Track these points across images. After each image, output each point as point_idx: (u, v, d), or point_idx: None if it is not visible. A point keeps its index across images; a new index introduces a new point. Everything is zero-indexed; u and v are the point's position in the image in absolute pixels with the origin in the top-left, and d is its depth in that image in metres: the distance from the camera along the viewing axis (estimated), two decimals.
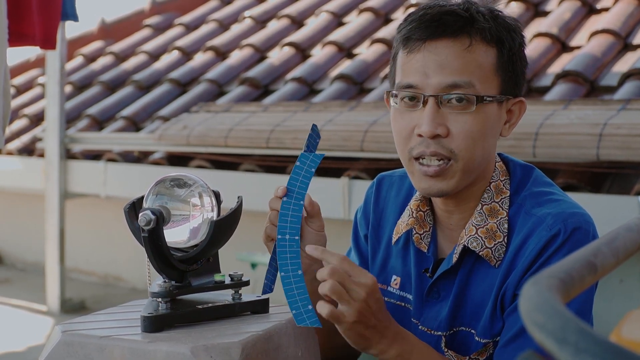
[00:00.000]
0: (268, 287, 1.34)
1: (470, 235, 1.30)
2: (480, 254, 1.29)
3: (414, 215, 1.38)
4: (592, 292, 1.29)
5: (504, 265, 1.28)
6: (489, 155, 1.30)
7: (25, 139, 5.17)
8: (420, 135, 1.25)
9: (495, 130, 1.29)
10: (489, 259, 1.29)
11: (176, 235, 1.31)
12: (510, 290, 1.26)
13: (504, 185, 1.33)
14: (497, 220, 1.30)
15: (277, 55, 4.91)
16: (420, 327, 1.37)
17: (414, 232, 1.38)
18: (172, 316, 1.26)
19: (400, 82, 1.28)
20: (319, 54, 4.72)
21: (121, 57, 5.91)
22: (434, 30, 1.25)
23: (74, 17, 3.38)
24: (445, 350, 1.34)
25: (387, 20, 4.97)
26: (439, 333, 1.34)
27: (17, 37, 2.88)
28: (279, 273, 1.25)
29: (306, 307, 1.21)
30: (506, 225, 1.29)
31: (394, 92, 1.29)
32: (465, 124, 1.24)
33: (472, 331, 1.32)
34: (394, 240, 1.43)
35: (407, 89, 1.27)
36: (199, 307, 1.29)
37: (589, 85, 3.48)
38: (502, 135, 1.33)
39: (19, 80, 6.20)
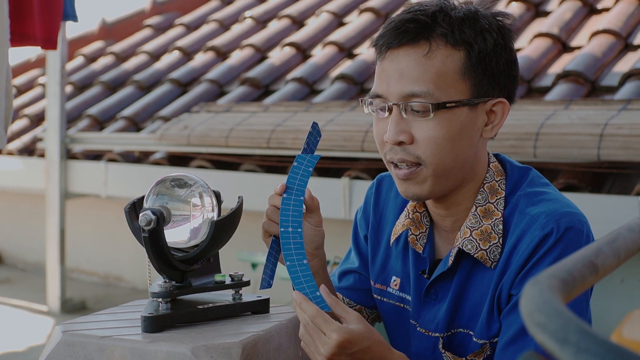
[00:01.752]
0: (266, 282, 1.33)
1: (464, 238, 1.30)
2: (475, 256, 1.29)
3: (411, 216, 1.39)
4: (588, 291, 1.28)
5: (500, 265, 1.28)
6: (466, 158, 1.28)
7: (25, 139, 5.17)
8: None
9: (468, 133, 1.27)
10: (484, 260, 1.28)
11: (177, 236, 1.31)
12: (505, 290, 1.26)
13: (499, 186, 1.32)
14: (492, 222, 1.29)
15: (277, 56, 4.91)
16: (418, 328, 1.37)
17: (410, 233, 1.38)
18: (173, 316, 1.26)
19: (371, 92, 1.31)
20: (319, 54, 4.72)
21: (122, 57, 5.91)
22: (394, 39, 1.27)
23: (74, 18, 3.39)
24: (443, 351, 1.34)
25: None
26: (437, 334, 1.34)
27: (18, 37, 2.89)
28: (285, 264, 1.25)
29: (314, 293, 1.21)
30: (501, 226, 1.29)
31: (368, 100, 1.32)
32: (429, 130, 1.25)
33: (470, 332, 1.32)
34: (391, 241, 1.43)
35: (375, 98, 1.30)
36: (200, 307, 1.29)
37: (589, 85, 3.48)
38: (483, 137, 1.30)
39: (19, 80, 6.20)
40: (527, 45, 3.88)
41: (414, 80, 1.24)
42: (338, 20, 5.24)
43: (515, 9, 4.32)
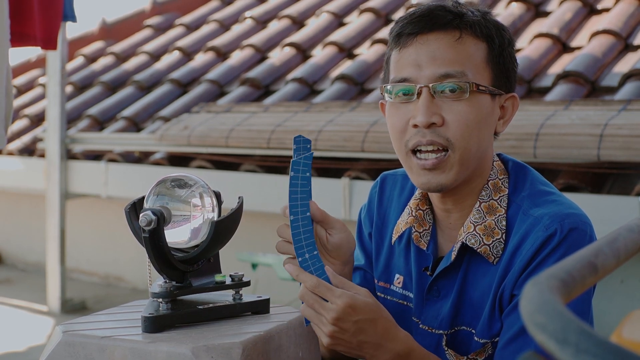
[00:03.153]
0: None
1: (468, 232, 1.31)
2: (478, 250, 1.29)
3: (414, 214, 1.39)
4: (590, 292, 1.29)
5: (502, 264, 1.28)
6: (485, 149, 1.31)
7: (26, 139, 5.17)
8: (415, 126, 1.27)
9: (489, 122, 1.30)
10: (487, 255, 1.29)
11: (177, 236, 1.31)
12: (508, 290, 1.27)
13: (502, 184, 1.34)
14: (495, 218, 1.30)
15: (277, 56, 4.91)
16: (420, 325, 1.38)
17: (414, 230, 1.39)
18: (173, 316, 1.26)
19: (395, 77, 1.31)
20: (319, 54, 4.72)
21: (122, 58, 5.91)
22: (424, 25, 1.29)
23: (73, 18, 3.39)
24: (446, 349, 1.34)
25: (388, 21, 4.97)
26: (441, 332, 1.35)
27: (18, 38, 2.89)
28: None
29: None
30: (504, 223, 1.30)
31: (389, 87, 1.31)
32: (460, 112, 1.26)
33: (473, 331, 1.32)
34: (393, 239, 1.43)
35: (401, 82, 1.29)
36: (200, 307, 1.29)
37: (589, 85, 3.48)
38: (496, 131, 1.34)
39: (20, 80, 6.21)
40: (527, 46, 3.88)
41: (448, 62, 1.26)
42: (338, 20, 5.24)
43: (515, 9, 4.32)
